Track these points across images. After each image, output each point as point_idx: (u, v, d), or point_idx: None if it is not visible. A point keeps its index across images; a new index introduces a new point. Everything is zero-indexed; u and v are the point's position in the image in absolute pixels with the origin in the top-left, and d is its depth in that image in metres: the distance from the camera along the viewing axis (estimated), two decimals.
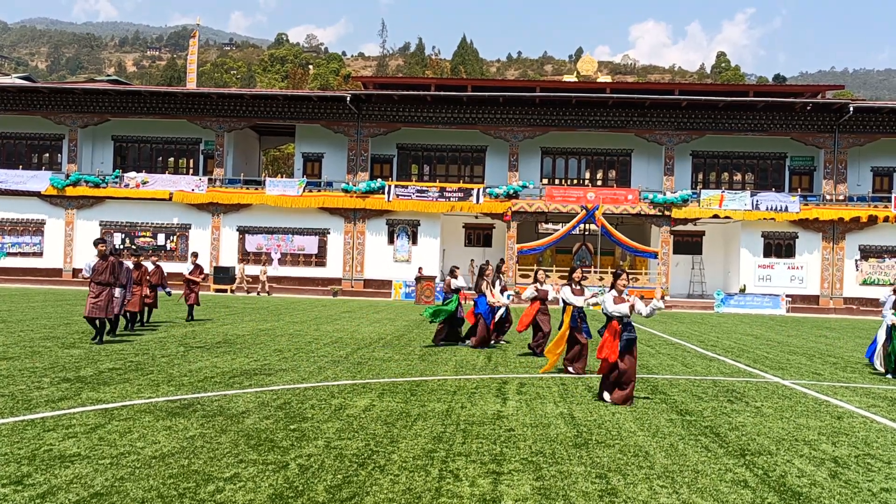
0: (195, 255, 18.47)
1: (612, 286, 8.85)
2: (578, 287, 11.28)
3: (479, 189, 34.48)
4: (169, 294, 16.99)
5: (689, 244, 37.26)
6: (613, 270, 8.89)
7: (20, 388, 8.33)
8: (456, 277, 14.62)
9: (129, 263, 14.16)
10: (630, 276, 33.66)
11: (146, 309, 16.32)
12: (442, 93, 34.82)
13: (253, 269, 34.82)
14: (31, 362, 10.24)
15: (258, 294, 33.15)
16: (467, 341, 14.31)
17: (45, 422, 6.73)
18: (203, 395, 8.32)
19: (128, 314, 15.08)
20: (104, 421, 6.84)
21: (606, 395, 8.63)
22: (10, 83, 38.18)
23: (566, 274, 23.20)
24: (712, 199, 34.05)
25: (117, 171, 36.26)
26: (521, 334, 16.41)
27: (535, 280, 13.45)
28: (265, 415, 7.34)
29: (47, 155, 38.56)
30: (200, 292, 22.80)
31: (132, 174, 35.62)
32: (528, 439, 6.69)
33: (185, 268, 18.30)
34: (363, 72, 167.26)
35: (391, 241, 35.22)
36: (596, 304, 11.14)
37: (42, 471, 5.26)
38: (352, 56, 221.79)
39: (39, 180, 35.57)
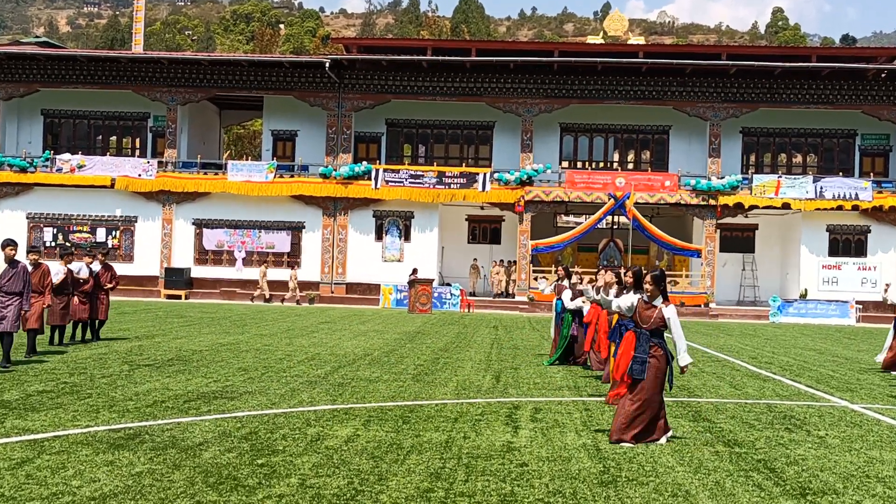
0: (103, 252, 17.66)
1: (637, 287, 8.41)
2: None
3: (485, 174, 34.49)
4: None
5: (738, 240, 37.28)
6: (650, 269, 8.35)
7: None
8: (567, 279, 14.88)
9: (25, 263, 12.77)
10: (669, 279, 33.63)
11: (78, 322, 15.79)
12: (440, 58, 34.80)
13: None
14: None
15: (282, 302, 33.08)
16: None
17: None
18: (152, 423, 8.32)
19: (58, 330, 14.95)
20: (33, 455, 6.84)
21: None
22: None
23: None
24: (767, 186, 34.06)
25: (48, 152, 36.26)
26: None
27: (620, 283, 12.65)
28: (227, 447, 7.35)
29: None
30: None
31: (66, 156, 35.62)
32: (545, 476, 6.70)
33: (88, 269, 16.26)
34: (345, 32, 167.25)
35: (379, 236, 35.23)
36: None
37: None
38: (331, 13, 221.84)
39: None
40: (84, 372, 11.73)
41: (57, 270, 14.72)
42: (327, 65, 34.57)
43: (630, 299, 8.39)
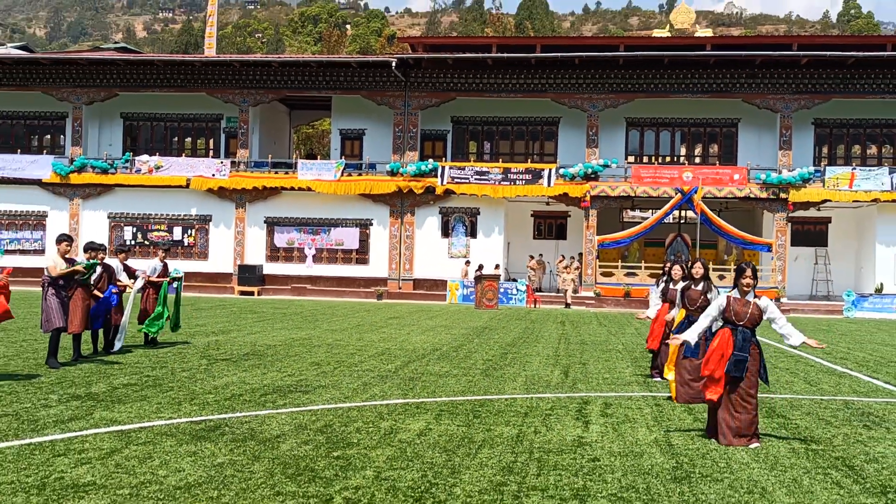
0: (163, 249, 15.57)
1: (735, 285, 8.03)
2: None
3: (550, 170, 34.30)
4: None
5: (810, 234, 36.38)
6: (737, 265, 8.07)
7: (25, 406, 8.70)
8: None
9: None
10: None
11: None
12: (505, 55, 34.68)
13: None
14: (35, 376, 10.67)
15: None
16: None
17: (54, 445, 7.02)
18: (231, 415, 8.54)
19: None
20: (121, 445, 7.09)
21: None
22: (4, 54, 39.68)
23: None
24: (840, 178, 33.15)
25: (128, 154, 37.31)
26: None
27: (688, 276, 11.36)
28: (304, 439, 7.49)
29: (49, 137, 39.93)
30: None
31: (144, 157, 36.61)
32: (617, 471, 6.66)
33: (148, 266, 14.92)
34: (410, 31, 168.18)
35: (445, 233, 35.35)
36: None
37: (54, 501, 5.48)
38: (397, 13, 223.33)
39: (40, 166, 36.87)
40: (165, 366, 12.09)
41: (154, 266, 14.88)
42: (394, 64, 34.79)
43: (720, 301, 8.08)
